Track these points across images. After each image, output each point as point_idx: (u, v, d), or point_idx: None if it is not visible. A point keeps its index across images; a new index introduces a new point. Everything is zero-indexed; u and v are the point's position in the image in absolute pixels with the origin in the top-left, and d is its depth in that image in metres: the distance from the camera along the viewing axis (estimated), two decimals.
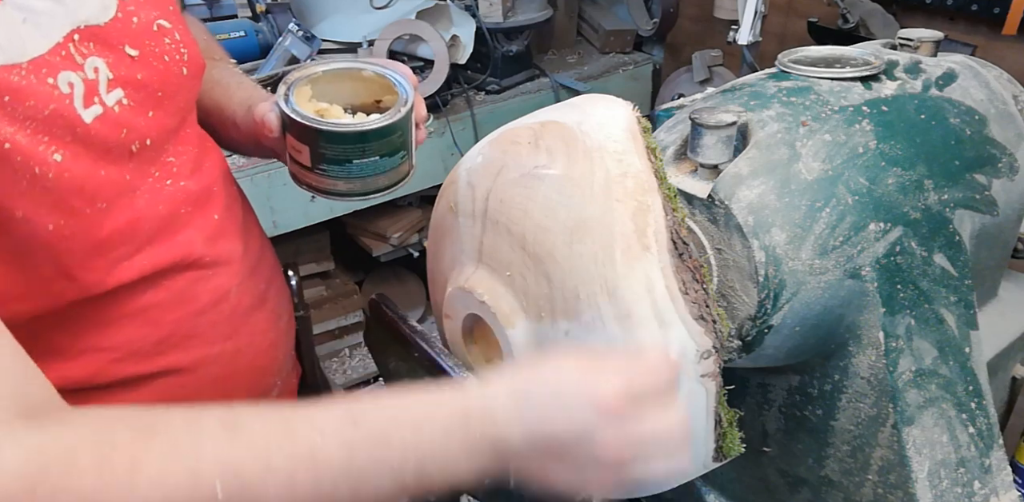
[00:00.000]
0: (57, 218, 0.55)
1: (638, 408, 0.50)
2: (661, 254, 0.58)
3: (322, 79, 0.74)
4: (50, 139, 0.54)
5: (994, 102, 0.82)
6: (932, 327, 0.71)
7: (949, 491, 0.70)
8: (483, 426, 0.50)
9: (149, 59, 0.63)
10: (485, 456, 0.50)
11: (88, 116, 0.56)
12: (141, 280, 0.63)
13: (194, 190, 0.68)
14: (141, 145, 0.62)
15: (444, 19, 1.99)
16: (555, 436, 0.50)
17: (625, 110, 0.63)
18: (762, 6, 1.65)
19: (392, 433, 0.49)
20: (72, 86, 0.55)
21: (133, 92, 0.61)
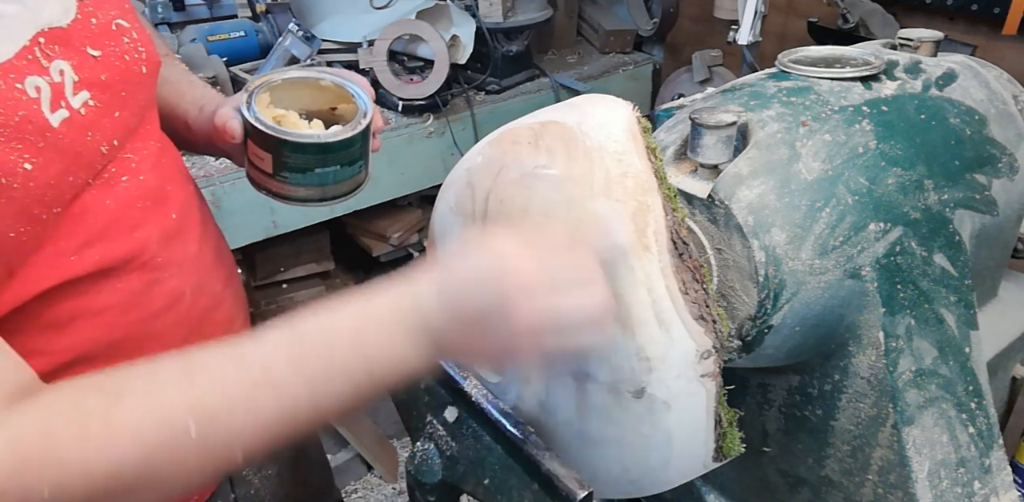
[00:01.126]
0: (19, 226, 0.54)
1: (553, 283, 0.52)
2: (661, 254, 0.58)
3: (280, 87, 0.76)
4: (23, 147, 0.53)
5: (994, 102, 0.82)
6: (932, 327, 0.71)
7: (949, 491, 0.70)
8: (416, 319, 0.53)
9: (111, 59, 0.63)
10: (424, 345, 0.53)
11: (55, 120, 0.55)
12: (91, 278, 0.61)
13: (152, 187, 0.67)
14: (109, 146, 0.61)
15: (444, 19, 1.99)
16: (475, 311, 0.52)
17: (625, 110, 0.63)
18: (762, 6, 1.65)
19: (335, 342, 0.52)
20: (39, 90, 0.55)
21: (99, 93, 0.61)
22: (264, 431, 0.51)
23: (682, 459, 0.62)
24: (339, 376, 0.52)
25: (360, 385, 0.52)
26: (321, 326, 0.53)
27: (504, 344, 0.53)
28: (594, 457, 0.65)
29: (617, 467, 0.64)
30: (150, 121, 0.71)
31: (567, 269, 0.53)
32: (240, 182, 1.66)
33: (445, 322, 0.53)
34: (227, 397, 0.49)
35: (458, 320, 0.53)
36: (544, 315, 0.52)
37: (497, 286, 0.52)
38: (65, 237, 0.59)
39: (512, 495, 0.64)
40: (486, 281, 0.52)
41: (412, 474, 0.74)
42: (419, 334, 0.53)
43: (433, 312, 0.53)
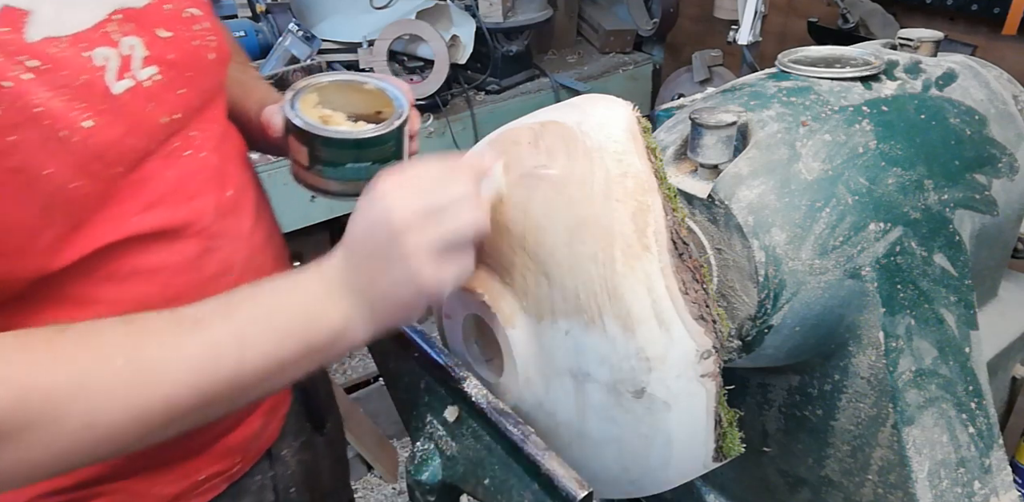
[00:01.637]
0: (80, 178, 0.59)
1: (416, 184, 0.57)
2: (661, 254, 0.58)
3: (328, 88, 0.81)
4: (85, 106, 0.59)
5: (994, 102, 0.82)
6: (932, 327, 0.71)
7: (949, 491, 0.70)
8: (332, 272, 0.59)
9: (180, 42, 0.68)
10: (342, 296, 0.58)
11: (118, 88, 0.62)
12: (151, 238, 0.67)
13: (212, 164, 0.73)
14: (170, 119, 0.67)
15: (444, 19, 1.99)
16: (372, 250, 0.58)
17: (625, 110, 0.63)
18: (762, 6, 1.66)
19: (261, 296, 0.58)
20: (107, 60, 0.61)
21: (166, 70, 0.66)
22: (188, 372, 0.54)
23: (682, 459, 0.62)
24: (264, 327, 0.56)
25: (284, 339, 0.57)
26: (252, 288, 0.59)
27: (402, 274, 0.57)
28: (594, 457, 0.65)
29: (617, 467, 0.64)
30: (217, 106, 0.77)
31: (426, 176, 0.58)
32: None
33: (353, 270, 0.58)
34: (157, 337, 0.55)
35: (360, 265, 0.58)
36: (412, 205, 0.56)
37: (382, 221, 0.56)
38: (129, 200, 0.65)
39: (512, 495, 0.64)
40: (373, 221, 0.57)
41: (412, 474, 0.74)
42: (334, 285, 0.58)
43: (342, 263, 0.59)
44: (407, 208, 0.56)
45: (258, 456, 0.87)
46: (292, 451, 0.93)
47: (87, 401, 0.52)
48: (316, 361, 0.60)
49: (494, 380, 0.71)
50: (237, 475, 0.84)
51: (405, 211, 0.56)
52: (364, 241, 0.58)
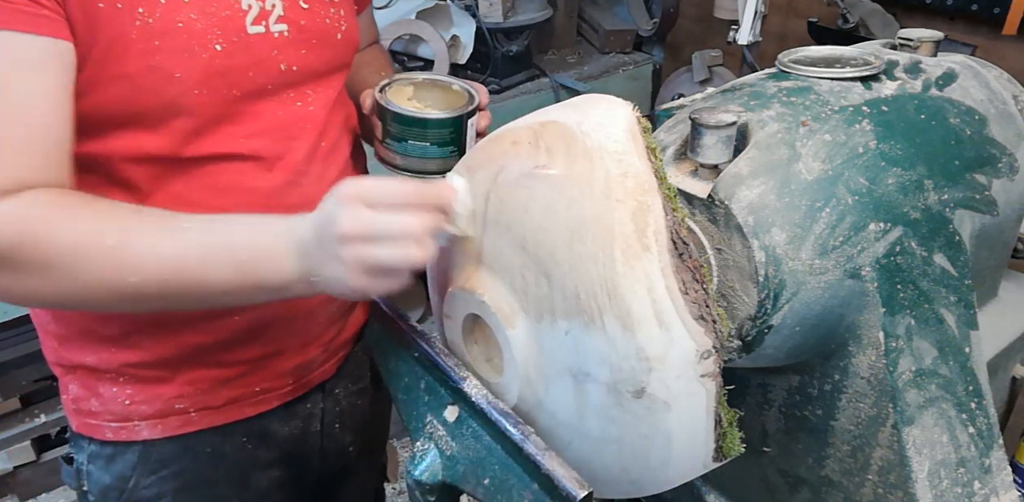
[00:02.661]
0: (202, 88, 0.74)
1: (374, 202, 0.62)
2: (661, 254, 0.58)
3: (422, 85, 0.94)
4: (220, 34, 0.74)
5: (994, 102, 0.82)
6: (932, 327, 0.71)
7: (949, 491, 0.70)
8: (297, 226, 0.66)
9: (314, 15, 0.82)
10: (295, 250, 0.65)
11: (252, 31, 0.76)
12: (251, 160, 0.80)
13: (316, 117, 0.86)
14: (288, 69, 0.81)
15: (444, 19, 1.99)
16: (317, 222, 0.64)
17: (625, 110, 0.63)
18: (762, 6, 1.66)
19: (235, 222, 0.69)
20: (250, 7, 0.76)
21: (295, 32, 0.80)
22: (157, 269, 0.65)
23: (682, 459, 0.62)
24: (226, 253, 0.65)
25: (241, 273, 0.65)
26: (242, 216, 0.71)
27: (337, 272, 0.63)
28: (594, 457, 0.65)
29: (617, 467, 0.64)
30: (336, 79, 0.89)
31: (393, 195, 0.62)
32: None
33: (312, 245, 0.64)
34: (145, 233, 0.66)
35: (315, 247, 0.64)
36: (360, 221, 0.61)
37: (333, 223, 0.62)
38: (242, 123, 0.79)
39: (512, 495, 0.64)
40: (327, 219, 0.63)
41: (412, 474, 0.74)
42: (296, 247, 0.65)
43: (308, 234, 0.65)
44: (356, 222, 0.61)
45: (310, 387, 0.98)
46: (346, 392, 1.04)
47: (77, 265, 0.64)
48: (267, 297, 0.70)
49: (494, 380, 0.71)
50: (288, 397, 0.96)
51: (354, 224, 0.61)
52: (319, 231, 0.64)
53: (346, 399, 1.04)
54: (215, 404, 0.90)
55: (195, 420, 0.89)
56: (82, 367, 0.87)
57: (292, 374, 0.94)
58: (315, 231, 0.64)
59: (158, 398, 0.87)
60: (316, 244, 0.64)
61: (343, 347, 1.01)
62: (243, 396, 0.91)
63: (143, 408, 0.87)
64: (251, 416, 0.93)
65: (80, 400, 0.89)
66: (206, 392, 0.89)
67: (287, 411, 0.97)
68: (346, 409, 1.04)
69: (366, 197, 0.62)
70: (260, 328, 0.88)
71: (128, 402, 0.87)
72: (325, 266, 0.64)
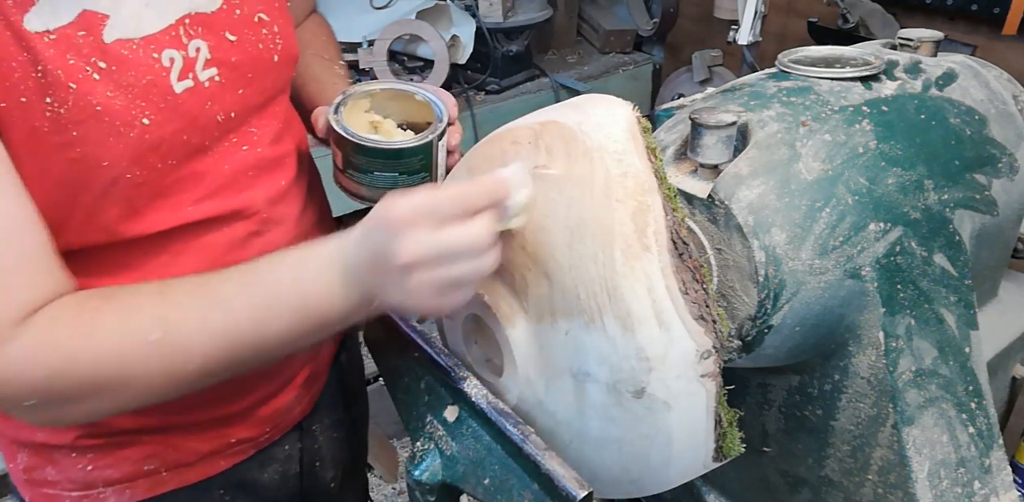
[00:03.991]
0: (136, 169, 0.66)
1: (430, 220, 0.56)
2: (661, 254, 0.58)
3: (380, 95, 0.84)
4: (145, 105, 0.64)
5: (994, 102, 0.82)
6: (932, 327, 0.71)
7: (949, 491, 0.70)
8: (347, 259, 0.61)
9: (245, 45, 0.73)
10: (352, 284, 0.61)
11: (179, 88, 0.67)
12: (205, 223, 0.73)
13: (268, 157, 0.78)
14: (226, 117, 0.72)
15: (444, 19, 1.99)
16: (373, 250, 0.59)
17: (625, 110, 0.63)
18: (762, 6, 1.66)
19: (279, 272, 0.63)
20: (172, 61, 0.66)
21: (227, 72, 0.71)
22: (213, 344, 0.61)
23: (682, 459, 0.62)
24: (280, 303, 0.61)
25: (299, 318, 0.62)
26: (271, 260, 0.64)
27: (403, 298, 0.59)
28: (594, 457, 0.65)
29: (617, 467, 0.64)
30: (279, 104, 0.81)
31: (449, 206, 0.57)
32: None
33: (366, 272, 0.60)
34: (185, 312, 0.61)
35: (370, 278, 0.60)
36: (423, 246, 0.56)
37: (392, 254, 0.57)
38: (187, 191, 0.71)
39: (512, 495, 0.64)
40: (383, 250, 0.58)
41: (412, 474, 0.74)
42: (350, 274, 0.61)
43: (359, 255, 0.60)
44: (418, 247, 0.56)
45: (289, 427, 0.93)
46: (323, 427, 0.99)
47: (127, 369, 0.60)
48: (328, 333, 0.65)
49: (494, 380, 0.72)
50: (265, 443, 0.90)
51: (417, 249, 0.56)
52: (374, 261, 0.59)
53: (323, 434, 0.99)
54: (187, 461, 0.83)
55: (167, 480, 0.82)
56: (30, 443, 0.78)
57: (270, 420, 0.88)
58: (370, 259, 0.60)
59: (124, 461, 0.79)
60: (373, 272, 0.60)
61: (317, 380, 0.96)
62: (218, 449, 0.85)
63: (108, 473, 0.79)
64: (227, 468, 0.86)
65: (32, 469, 0.80)
66: (178, 450, 0.82)
67: (265, 456, 0.90)
68: (324, 445, 0.99)
69: (418, 216, 0.56)
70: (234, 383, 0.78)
71: (90, 468, 0.79)
72: (388, 293, 0.60)
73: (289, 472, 0.94)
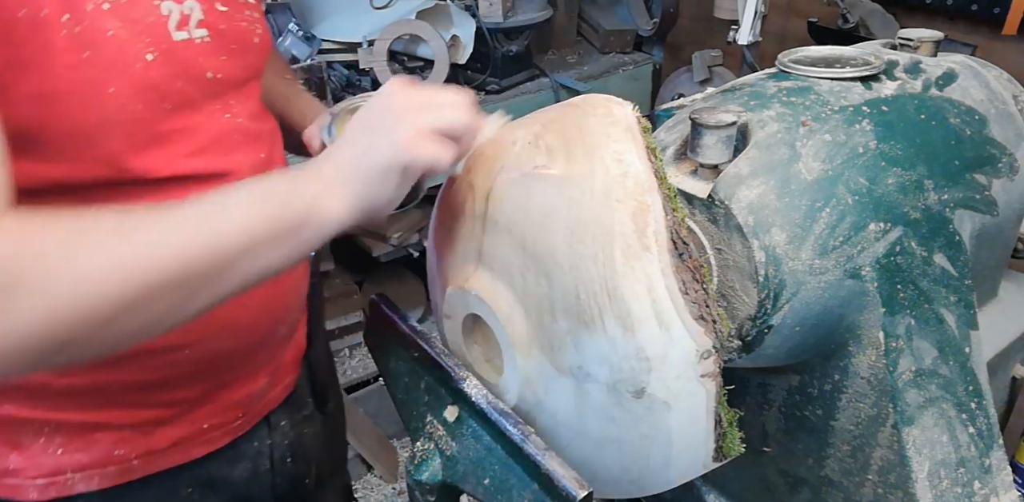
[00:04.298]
0: (137, 102, 0.67)
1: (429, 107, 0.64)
2: (661, 254, 0.58)
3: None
4: (149, 41, 0.67)
5: (994, 102, 0.82)
6: (932, 327, 0.71)
7: (949, 491, 0.70)
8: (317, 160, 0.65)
9: (232, 18, 0.77)
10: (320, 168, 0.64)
11: (177, 37, 0.70)
12: (195, 179, 0.74)
13: (248, 129, 0.81)
14: (213, 76, 0.75)
15: (444, 19, 1.99)
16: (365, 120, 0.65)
17: (625, 110, 0.63)
18: (762, 6, 1.65)
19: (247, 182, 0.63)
20: (171, 12, 0.70)
21: (215, 36, 0.74)
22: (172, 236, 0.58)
23: (682, 459, 0.62)
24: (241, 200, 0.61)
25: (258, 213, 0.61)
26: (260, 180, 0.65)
27: (387, 138, 0.62)
28: (594, 457, 0.65)
29: (617, 467, 0.64)
30: (253, 88, 0.85)
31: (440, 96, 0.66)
32: None
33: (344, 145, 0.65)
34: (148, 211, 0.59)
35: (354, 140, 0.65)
36: (416, 99, 0.64)
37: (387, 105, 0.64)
38: (179, 142, 0.73)
39: (512, 495, 0.64)
40: (378, 106, 0.65)
41: (412, 474, 0.74)
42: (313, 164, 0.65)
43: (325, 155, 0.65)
44: (411, 98, 0.65)
45: (258, 418, 0.92)
46: (291, 423, 0.98)
47: (77, 259, 0.54)
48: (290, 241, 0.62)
49: (494, 380, 0.72)
50: (238, 431, 0.89)
51: (409, 99, 0.64)
52: (366, 121, 0.65)
53: (293, 430, 0.98)
54: (159, 447, 0.82)
55: (137, 467, 0.81)
56: None
57: (240, 406, 0.88)
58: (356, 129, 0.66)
59: (96, 445, 0.78)
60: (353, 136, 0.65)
61: (288, 372, 0.96)
62: (190, 435, 0.84)
63: (78, 457, 0.78)
64: (197, 459, 0.85)
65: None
66: (149, 434, 0.81)
67: (234, 452, 0.90)
68: (295, 441, 0.99)
69: (410, 84, 0.65)
70: (207, 360, 0.81)
71: (60, 451, 0.77)
72: (365, 147, 0.64)
73: (260, 468, 0.94)
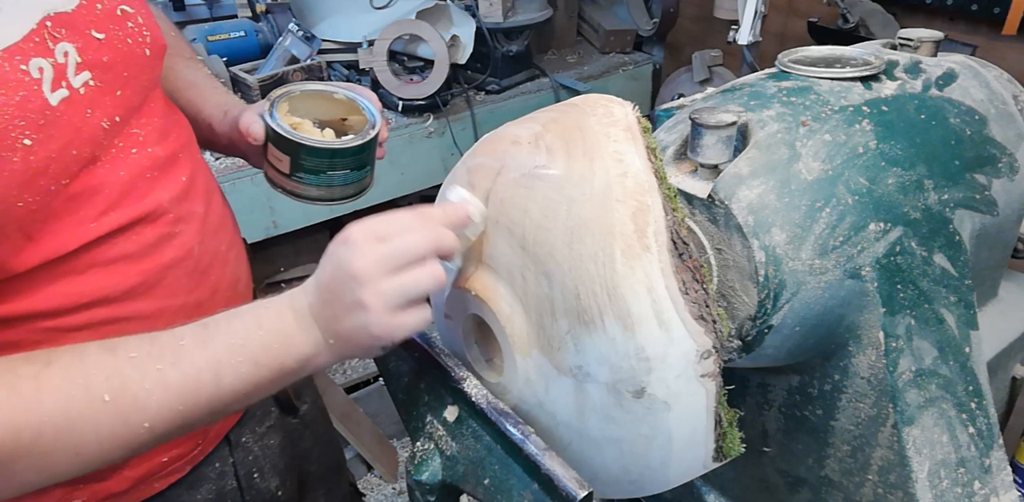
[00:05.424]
0: (27, 195, 0.59)
1: (382, 237, 0.58)
2: (661, 254, 0.58)
3: (298, 97, 0.86)
4: (24, 124, 0.57)
5: (994, 102, 0.82)
6: (932, 327, 0.71)
7: (949, 491, 0.70)
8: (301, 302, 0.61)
9: (114, 42, 0.68)
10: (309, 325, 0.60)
11: (55, 99, 0.60)
12: (111, 235, 0.68)
13: (161, 156, 0.73)
14: (111, 122, 0.67)
15: (444, 19, 1.99)
16: (328, 280, 0.59)
17: (625, 110, 0.63)
18: (762, 6, 1.65)
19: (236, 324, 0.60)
20: (42, 71, 0.59)
21: (100, 74, 0.65)
22: (170, 401, 0.57)
23: (682, 459, 0.62)
24: (239, 356, 0.59)
25: (258, 366, 0.59)
26: (227, 315, 0.61)
27: (359, 320, 0.58)
28: (594, 457, 0.65)
29: (617, 467, 0.64)
30: (155, 99, 0.76)
31: (393, 224, 0.59)
32: (240, 182, 1.66)
33: (320, 306, 0.60)
34: (140, 369, 0.56)
35: (326, 304, 0.60)
36: (376, 257, 0.57)
37: (345, 268, 0.58)
38: (85, 208, 0.65)
39: (512, 495, 0.64)
40: (337, 266, 0.59)
41: (412, 474, 0.74)
42: (304, 316, 0.60)
43: (313, 297, 0.61)
44: (368, 258, 0.57)
45: (217, 440, 0.88)
46: (255, 436, 0.94)
47: (75, 435, 0.55)
48: (287, 382, 0.62)
49: (494, 380, 0.71)
50: (198, 458, 0.86)
51: (366, 260, 0.57)
52: (330, 283, 0.59)
53: (256, 443, 0.94)
54: (119, 490, 0.78)
55: None
56: None
57: (197, 434, 0.84)
58: (321, 289, 0.60)
59: (47, 498, 0.74)
60: (326, 301, 0.59)
61: None
62: (150, 473, 0.80)
63: None
64: (160, 491, 0.82)
65: None
66: (106, 479, 0.76)
67: (195, 477, 0.86)
68: (260, 455, 0.94)
69: (376, 231, 0.58)
70: None
71: None
72: (341, 321, 0.59)
73: (225, 488, 0.90)
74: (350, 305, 0.58)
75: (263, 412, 0.96)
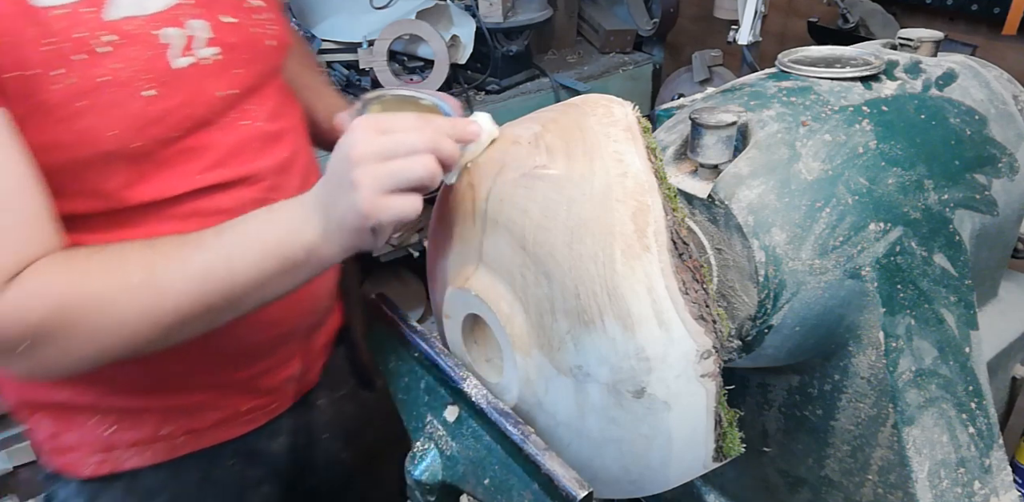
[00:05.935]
0: (141, 139, 0.70)
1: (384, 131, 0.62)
2: (661, 254, 0.58)
3: (390, 101, 0.90)
4: (150, 78, 0.69)
5: (994, 102, 0.82)
6: (932, 327, 0.71)
7: (949, 491, 0.70)
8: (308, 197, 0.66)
9: (241, 28, 0.78)
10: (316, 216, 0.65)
11: (179, 64, 0.71)
12: (212, 188, 0.77)
13: (269, 131, 0.83)
14: (226, 93, 0.77)
15: (444, 19, 1.99)
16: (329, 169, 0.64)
17: (625, 110, 0.63)
18: (762, 6, 1.66)
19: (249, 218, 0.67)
20: (172, 39, 0.71)
21: (226, 51, 0.76)
22: (190, 287, 0.65)
23: (682, 459, 0.62)
24: (249, 244, 0.65)
25: (266, 254, 0.65)
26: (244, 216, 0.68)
27: (350, 200, 0.62)
28: (594, 457, 0.65)
29: (617, 467, 0.64)
30: (273, 86, 0.86)
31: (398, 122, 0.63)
32: None
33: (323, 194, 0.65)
34: (167, 259, 0.65)
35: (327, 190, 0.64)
36: (372, 144, 0.61)
37: (345, 154, 0.62)
38: (192, 161, 0.75)
39: (512, 495, 0.64)
40: (339, 153, 0.63)
41: (412, 474, 0.74)
42: (309, 206, 0.65)
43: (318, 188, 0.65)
44: (367, 145, 0.62)
45: (296, 398, 0.98)
46: (329, 401, 1.03)
47: (113, 309, 0.64)
48: (298, 276, 0.68)
49: (494, 380, 0.72)
50: (276, 411, 0.95)
51: (365, 147, 0.61)
52: (331, 169, 0.64)
53: (331, 407, 1.03)
54: (201, 427, 0.88)
55: (181, 445, 0.88)
56: (52, 404, 0.83)
57: (279, 390, 0.94)
58: (325, 178, 0.64)
59: (143, 424, 0.85)
60: (326, 187, 0.64)
61: (322, 354, 1.00)
62: (230, 417, 0.90)
63: (128, 435, 0.84)
64: (238, 436, 0.92)
65: (57, 435, 0.85)
66: (192, 416, 0.87)
67: (273, 427, 0.96)
68: (332, 418, 1.03)
69: (379, 125, 0.62)
70: (244, 349, 0.86)
71: (111, 431, 0.84)
72: (337, 202, 0.63)
73: (298, 443, 0.99)
74: (343, 184, 0.62)
75: (341, 380, 1.04)
